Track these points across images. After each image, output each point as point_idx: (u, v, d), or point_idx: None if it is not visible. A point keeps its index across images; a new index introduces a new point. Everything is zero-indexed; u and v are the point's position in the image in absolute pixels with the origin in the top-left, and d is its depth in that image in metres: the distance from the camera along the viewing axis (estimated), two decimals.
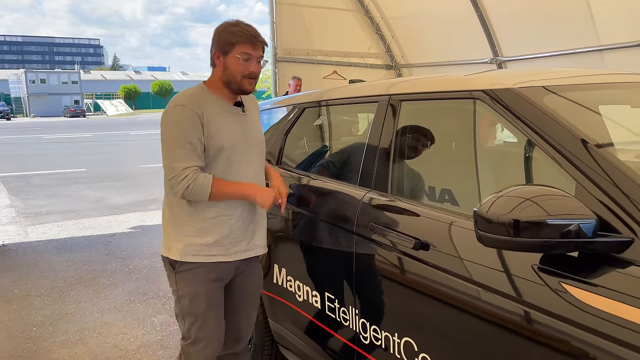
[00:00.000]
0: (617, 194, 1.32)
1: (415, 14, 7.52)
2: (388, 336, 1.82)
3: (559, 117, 1.53)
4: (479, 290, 1.48)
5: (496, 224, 1.30)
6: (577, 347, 1.25)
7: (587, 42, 5.88)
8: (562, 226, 1.25)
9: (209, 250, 1.98)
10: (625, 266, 1.24)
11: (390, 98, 2.07)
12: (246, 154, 2.02)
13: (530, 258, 1.39)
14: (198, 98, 1.96)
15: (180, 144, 1.88)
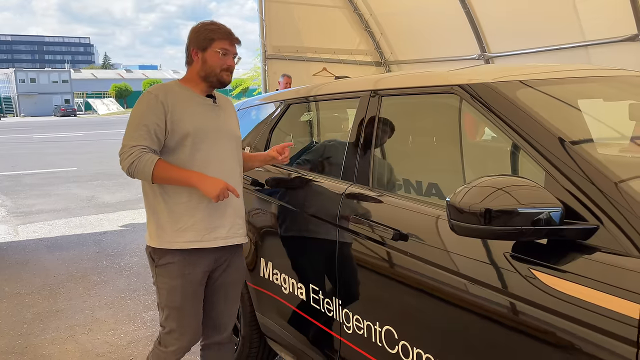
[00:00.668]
0: (583, 184, 1.37)
1: (404, 11, 7.57)
2: (370, 325, 1.87)
3: (530, 110, 1.59)
4: (455, 279, 1.53)
5: (468, 213, 1.35)
6: (547, 331, 1.30)
7: (573, 38, 5.96)
8: (533, 214, 1.31)
9: (184, 235, 2.01)
10: (591, 252, 1.30)
11: (371, 93, 2.12)
12: (216, 145, 2.08)
13: (503, 247, 1.44)
14: (167, 88, 2.08)
15: (137, 126, 1.98)
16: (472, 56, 7.11)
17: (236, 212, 2.14)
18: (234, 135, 2.19)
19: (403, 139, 2.19)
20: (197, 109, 2.08)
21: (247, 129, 3.08)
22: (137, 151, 1.93)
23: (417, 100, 2.01)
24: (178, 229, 2.01)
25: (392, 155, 2.09)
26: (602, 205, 1.31)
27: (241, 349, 2.75)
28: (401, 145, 2.20)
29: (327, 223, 2.07)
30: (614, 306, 1.19)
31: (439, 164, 2.00)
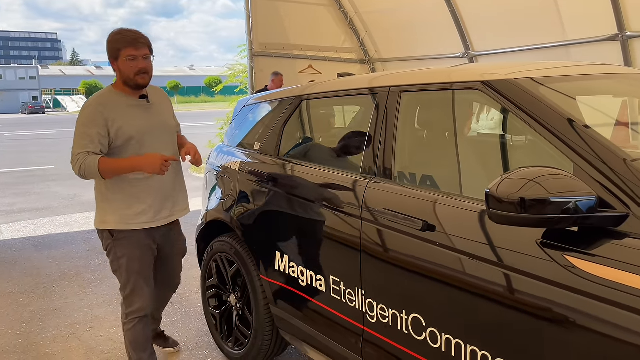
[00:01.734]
0: (611, 174, 1.46)
1: (388, 9, 7.67)
2: (395, 314, 1.94)
3: (555, 105, 1.67)
4: (486, 267, 1.61)
5: (506, 202, 1.43)
6: (582, 313, 1.38)
7: (554, 37, 6.13)
8: (563, 203, 1.39)
9: (138, 218, 2.47)
10: (621, 238, 1.39)
11: (390, 90, 2.18)
12: (156, 139, 2.48)
13: (534, 235, 1.52)
14: (105, 98, 2.41)
15: (81, 136, 2.33)
16: (457, 54, 7.25)
17: (176, 195, 2.63)
18: (169, 125, 2.60)
19: (424, 134, 2.26)
20: (134, 113, 2.43)
21: (252, 126, 3.11)
22: (82, 156, 2.30)
23: (438, 96, 2.08)
24: (133, 213, 2.46)
25: (413, 150, 2.15)
26: (632, 193, 1.40)
27: (253, 342, 2.79)
28: (423, 140, 2.27)
29: (349, 216, 2.13)
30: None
31: (460, 158, 2.08)
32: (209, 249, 3.09)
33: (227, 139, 3.30)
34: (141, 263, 2.53)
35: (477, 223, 1.69)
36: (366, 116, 2.32)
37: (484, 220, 1.66)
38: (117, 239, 2.50)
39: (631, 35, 5.51)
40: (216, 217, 3.01)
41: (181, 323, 3.61)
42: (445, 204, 1.80)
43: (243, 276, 2.82)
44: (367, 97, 2.35)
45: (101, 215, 2.51)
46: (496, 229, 1.61)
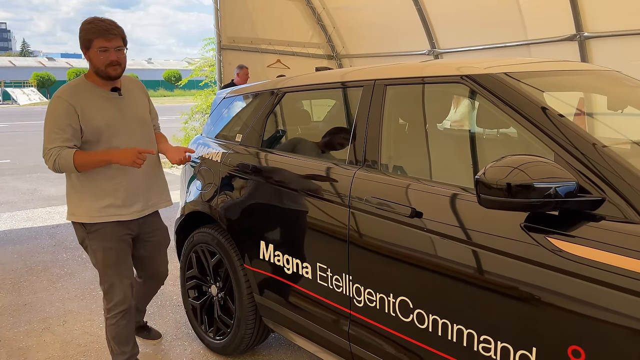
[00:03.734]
0: (589, 162, 1.58)
1: (356, 6, 7.77)
2: (383, 297, 2.02)
3: (536, 98, 1.79)
4: (473, 250, 1.71)
5: (494, 188, 1.53)
6: (564, 291, 1.50)
7: (516, 37, 6.38)
8: (545, 189, 1.50)
9: (105, 211, 2.43)
10: (598, 220, 1.51)
11: (375, 83, 2.26)
12: (126, 131, 2.43)
13: (517, 219, 1.63)
14: (75, 90, 2.35)
15: (52, 129, 2.29)
16: (422, 51, 7.42)
17: (150, 188, 2.58)
18: (142, 119, 2.53)
19: (408, 125, 2.35)
20: (104, 105, 2.38)
21: (234, 117, 3.14)
22: (55, 150, 2.27)
23: (422, 89, 2.17)
24: (102, 206, 2.43)
25: (399, 141, 2.24)
26: (607, 180, 1.53)
27: (235, 331, 2.82)
28: (407, 131, 2.36)
29: (337, 204, 2.20)
30: (625, 264, 1.40)
31: (443, 148, 2.18)
32: (189, 240, 3.10)
33: (205, 131, 3.31)
34: (117, 255, 2.49)
35: (463, 209, 1.79)
36: (350, 108, 2.39)
37: (470, 206, 1.76)
38: (89, 232, 2.47)
39: (588, 36, 5.79)
40: (196, 208, 3.03)
41: (158, 315, 3.60)
42: (432, 191, 1.90)
43: (225, 266, 2.85)
44: (352, 89, 2.42)
45: (71, 207, 2.49)
46: (481, 214, 1.71)
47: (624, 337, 1.39)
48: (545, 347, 1.55)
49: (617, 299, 1.40)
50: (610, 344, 1.42)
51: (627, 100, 2.21)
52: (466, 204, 1.78)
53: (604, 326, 1.42)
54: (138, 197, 2.51)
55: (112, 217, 2.45)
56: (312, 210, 2.33)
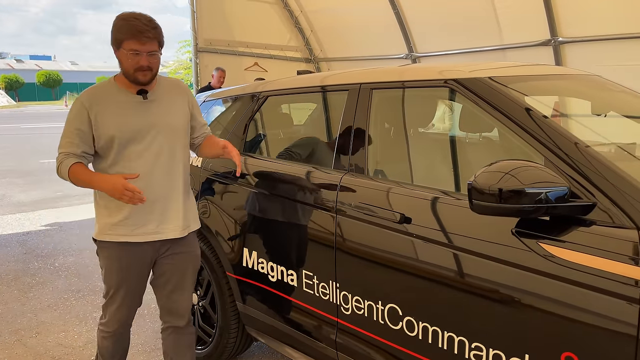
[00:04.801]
0: (579, 167, 1.57)
1: (334, 9, 7.76)
2: (371, 305, 1.99)
3: (524, 102, 1.78)
4: (464, 256, 1.69)
5: (487, 194, 1.51)
6: (556, 297, 1.48)
7: (492, 41, 6.45)
8: (537, 194, 1.49)
9: (116, 229, 2.14)
10: (589, 225, 1.50)
11: (360, 86, 2.23)
12: (145, 140, 2.11)
13: (508, 224, 1.61)
14: (95, 91, 2.13)
15: (64, 132, 2.12)
16: (400, 55, 7.45)
17: (167, 208, 2.18)
18: (170, 127, 2.17)
19: (395, 129, 2.32)
20: (123, 109, 2.10)
21: (213, 121, 3.07)
22: (60, 157, 2.10)
23: (409, 93, 2.15)
24: (111, 223, 2.15)
25: (385, 146, 2.21)
26: (598, 185, 1.52)
27: (218, 340, 2.76)
28: (393, 135, 2.34)
29: (323, 210, 2.16)
30: (615, 269, 1.40)
31: (429, 152, 2.16)
32: None
33: None
34: (118, 278, 2.20)
35: (453, 214, 1.77)
36: (333, 112, 2.36)
37: (460, 211, 1.74)
38: (99, 248, 2.23)
39: (562, 41, 5.89)
40: None
41: (136, 325, 3.48)
42: (421, 197, 1.87)
43: (206, 275, 2.78)
44: (336, 93, 2.39)
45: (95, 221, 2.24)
46: (472, 219, 1.69)
47: (616, 341, 1.38)
48: (538, 353, 1.54)
49: (609, 303, 1.39)
50: (602, 349, 1.41)
51: (610, 105, 2.23)
52: (455, 209, 1.76)
53: (596, 331, 1.42)
54: (152, 215, 2.14)
55: (119, 237, 2.14)
56: (298, 216, 2.28)
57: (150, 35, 1.99)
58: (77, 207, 7.07)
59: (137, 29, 1.97)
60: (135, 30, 1.97)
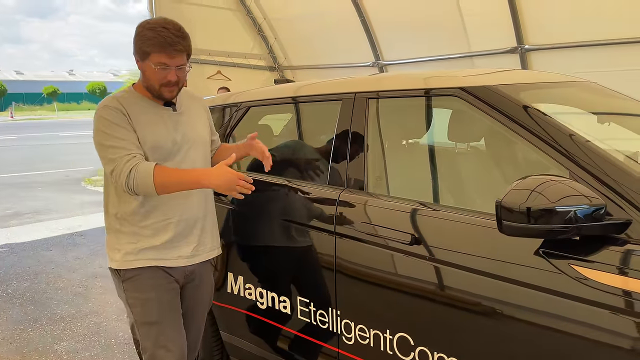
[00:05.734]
0: (610, 181, 1.46)
1: (299, 16, 7.61)
2: (378, 334, 1.82)
3: (541, 111, 1.66)
4: (485, 280, 1.54)
5: (517, 212, 1.37)
6: (591, 323, 1.36)
7: (460, 49, 6.44)
8: (565, 213, 1.36)
9: (144, 254, 1.90)
10: (623, 245, 1.39)
11: (355, 96, 2.07)
12: (178, 157, 1.92)
13: (533, 245, 1.48)
14: (122, 98, 1.88)
15: (111, 138, 1.79)
16: (367, 63, 7.36)
17: (204, 228, 2.00)
18: (200, 140, 2.01)
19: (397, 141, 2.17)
20: (154, 120, 1.89)
21: None
22: (131, 159, 1.75)
23: (406, 102, 2.00)
24: (138, 248, 1.90)
25: (386, 159, 2.05)
26: (633, 200, 1.41)
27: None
28: (396, 148, 2.18)
29: (320, 231, 1.98)
30: None
31: (436, 165, 2.02)
32: None
33: None
34: (159, 309, 1.90)
35: (471, 234, 1.63)
36: (328, 124, 2.19)
37: (479, 231, 1.60)
38: (124, 280, 1.92)
39: (529, 49, 5.93)
40: None
41: (103, 356, 3.20)
42: (434, 215, 1.73)
43: None
44: (327, 103, 2.22)
45: (108, 251, 1.98)
46: (492, 239, 1.56)
47: None
48: None
49: None
50: None
51: (613, 110, 2.16)
52: (474, 229, 1.62)
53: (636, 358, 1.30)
54: (189, 237, 1.95)
55: (151, 262, 1.89)
56: (292, 237, 2.09)
57: (180, 48, 1.78)
58: (29, 226, 6.62)
59: (166, 41, 1.75)
60: (164, 42, 1.75)
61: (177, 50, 1.78)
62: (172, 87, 1.85)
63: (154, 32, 1.77)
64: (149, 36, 1.77)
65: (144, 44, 1.78)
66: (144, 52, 1.79)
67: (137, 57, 1.84)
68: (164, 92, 1.84)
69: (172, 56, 1.78)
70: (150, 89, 1.86)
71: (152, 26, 1.78)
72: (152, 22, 1.81)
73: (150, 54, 1.78)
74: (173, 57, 1.78)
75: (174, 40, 1.77)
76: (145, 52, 1.79)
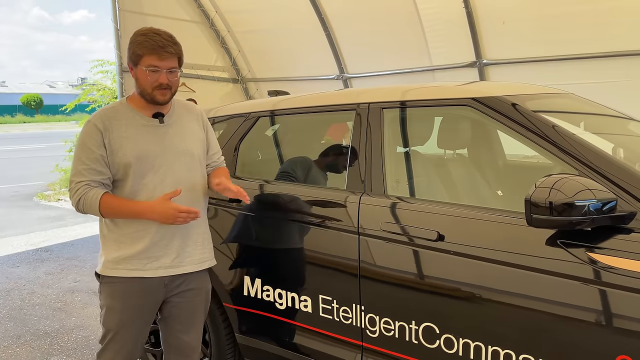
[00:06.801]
0: (614, 179, 1.68)
1: (263, 30, 7.73)
2: (403, 325, 1.96)
3: (548, 119, 1.87)
4: (507, 270, 1.72)
5: (542, 207, 1.56)
6: (608, 304, 1.56)
7: (422, 63, 6.76)
8: (582, 206, 1.57)
9: (125, 264, 1.97)
10: (629, 232, 1.60)
11: (369, 106, 2.22)
12: (163, 168, 1.98)
13: (551, 236, 1.67)
14: (107, 113, 1.97)
15: (80, 159, 1.93)
16: (331, 76, 7.56)
17: (186, 240, 2.04)
18: (187, 153, 2.03)
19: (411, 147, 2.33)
20: (139, 134, 1.95)
21: None
22: (81, 188, 1.91)
23: (419, 112, 2.18)
24: (119, 256, 1.98)
25: (403, 164, 2.21)
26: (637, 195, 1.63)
27: None
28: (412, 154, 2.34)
29: (342, 232, 2.11)
30: None
31: (450, 170, 2.19)
32: None
33: None
34: (119, 321, 1.98)
35: (491, 230, 1.81)
36: None
37: (500, 227, 1.78)
38: (102, 283, 2.03)
39: (487, 63, 6.32)
40: None
41: None
42: (454, 214, 1.90)
43: None
44: (340, 113, 2.37)
45: (100, 255, 2.06)
46: (510, 233, 1.74)
47: None
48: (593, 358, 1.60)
49: None
50: None
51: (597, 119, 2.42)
52: (495, 225, 1.80)
53: None
54: (167, 248, 1.99)
55: (129, 272, 1.96)
56: (313, 239, 2.21)
57: (171, 51, 1.89)
58: None
59: (157, 44, 1.87)
60: (156, 45, 1.86)
61: (168, 52, 1.89)
62: (165, 90, 1.92)
63: (145, 37, 1.90)
64: (141, 40, 1.90)
65: (136, 48, 1.90)
66: (137, 56, 1.90)
67: (131, 64, 1.95)
68: (157, 95, 1.92)
69: (163, 58, 1.88)
70: (143, 94, 1.94)
71: (144, 32, 1.93)
72: (144, 29, 1.95)
73: (142, 57, 1.89)
74: (164, 60, 1.88)
75: (165, 43, 1.89)
76: (137, 55, 1.89)
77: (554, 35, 5.65)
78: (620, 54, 5.28)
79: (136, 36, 1.92)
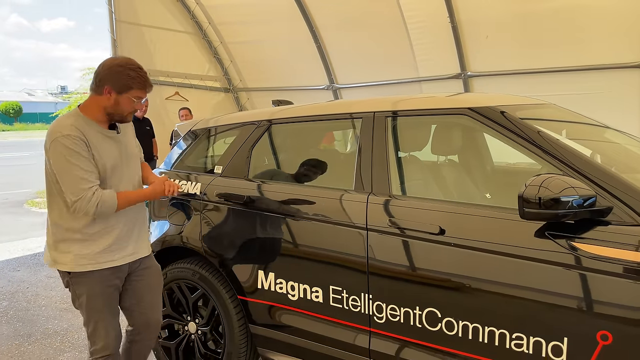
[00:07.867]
0: (593, 178, 1.94)
1: (255, 41, 7.96)
2: (408, 311, 2.19)
3: (536, 128, 2.13)
4: (500, 258, 1.97)
5: (533, 202, 1.81)
6: (590, 288, 1.81)
7: (409, 74, 7.05)
8: (567, 202, 1.82)
9: (96, 258, 2.29)
10: (606, 225, 1.86)
11: (374, 115, 2.46)
12: (127, 170, 2.39)
13: (530, 228, 1.92)
14: (79, 126, 2.21)
15: (78, 167, 2.17)
16: (321, 87, 7.82)
17: (141, 229, 2.48)
18: (135, 155, 2.47)
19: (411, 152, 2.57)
20: (107, 144, 2.29)
21: (205, 150, 3.11)
22: (96, 193, 2.17)
23: (420, 120, 2.43)
24: (95, 252, 2.29)
25: (405, 167, 2.45)
26: (614, 192, 1.89)
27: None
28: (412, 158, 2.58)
29: (352, 228, 2.33)
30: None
31: (446, 173, 2.44)
32: None
33: (168, 164, 3.23)
34: (102, 301, 2.34)
35: (486, 224, 2.05)
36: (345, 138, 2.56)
37: (496, 221, 2.02)
38: (73, 277, 2.32)
39: (471, 75, 6.64)
40: (172, 244, 2.93)
41: None
42: (454, 210, 2.14)
43: (210, 301, 2.79)
44: (346, 121, 2.60)
45: (54, 254, 2.32)
46: (503, 227, 1.99)
47: None
48: (575, 336, 1.84)
49: None
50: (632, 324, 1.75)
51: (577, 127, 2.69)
52: (488, 220, 2.05)
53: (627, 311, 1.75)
54: (130, 239, 2.39)
55: (103, 264, 2.30)
56: (324, 235, 2.43)
57: (151, 84, 2.31)
58: None
59: (147, 81, 2.28)
60: (145, 81, 2.26)
61: (150, 85, 2.31)
62: (134, 112, 2.36)
63: (136, 73, 2.23)
64: (133, 75, 2.22)
65: (129, 81, 2.21)
66: (127, 87, 2.21)
67: (113, 90, 2.21)
68: (129, 117, 2.34)
69: (147, 91, 2.31)
70: (115, 114, 2.27)
71: (133, 67, 2.24)
72: (131, 64, 2.24)
73: (132, 89, 2.22)
74: (147, 92, 2.32)
75: (148, 78, 2.30)
76: (127, 86, 2.21)
77: (534, 50, 6.00)
78: (595, 67, 5.65)
79: (128, 70, 2.21)
